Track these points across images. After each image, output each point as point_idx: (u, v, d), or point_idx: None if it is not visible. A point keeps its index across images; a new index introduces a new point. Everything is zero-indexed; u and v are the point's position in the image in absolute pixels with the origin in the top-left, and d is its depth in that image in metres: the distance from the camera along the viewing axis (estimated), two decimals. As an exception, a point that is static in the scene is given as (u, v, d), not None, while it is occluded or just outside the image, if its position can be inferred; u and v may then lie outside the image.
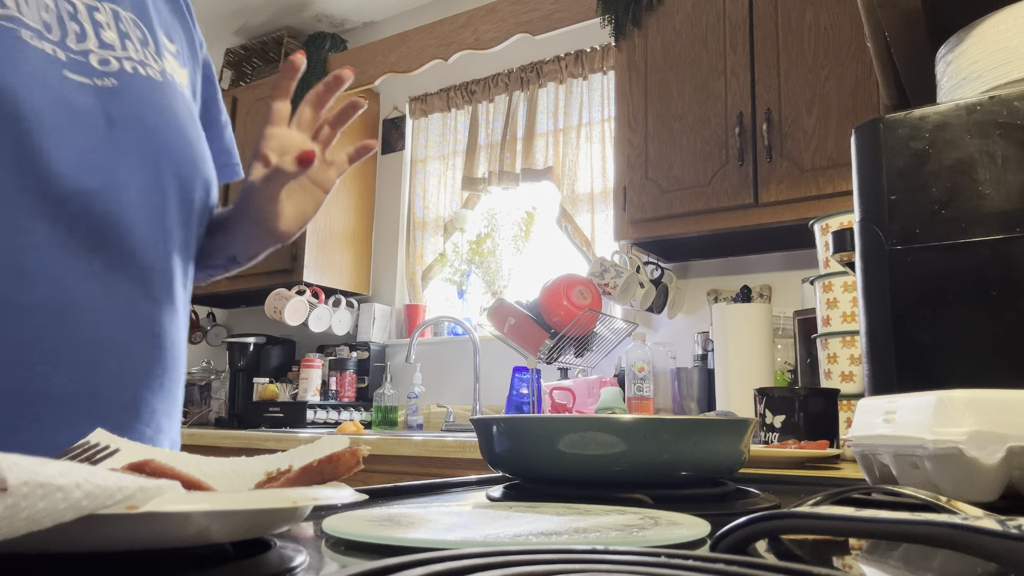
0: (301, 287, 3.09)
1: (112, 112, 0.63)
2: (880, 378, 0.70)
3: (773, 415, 1.38)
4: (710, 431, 0.57)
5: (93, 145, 0.62)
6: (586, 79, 2.89)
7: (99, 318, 0.62)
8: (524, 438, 0.59)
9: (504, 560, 0.24)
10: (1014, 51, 0.73)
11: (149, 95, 0.67)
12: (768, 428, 1.39)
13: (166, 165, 0.67)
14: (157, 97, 0.68)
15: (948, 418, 0.47)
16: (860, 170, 0.74)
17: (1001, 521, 0.27)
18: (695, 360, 2.45)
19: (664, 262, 2.59)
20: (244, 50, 3.69)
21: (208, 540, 0.32)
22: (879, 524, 0.29)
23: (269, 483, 0.41)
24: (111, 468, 0.31)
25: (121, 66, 0.66)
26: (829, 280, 1.51)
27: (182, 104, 0.71)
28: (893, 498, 0.48)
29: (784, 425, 1.37)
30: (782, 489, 0.75)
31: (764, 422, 1.39)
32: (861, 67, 1.98)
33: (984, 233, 0.66)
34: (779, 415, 1.38)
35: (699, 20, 2.27)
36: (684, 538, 0.37)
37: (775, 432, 1.37)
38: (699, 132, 2.21)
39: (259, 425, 2.93)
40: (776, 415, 1.38)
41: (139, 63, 0.68)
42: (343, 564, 0.35)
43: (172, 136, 0.68)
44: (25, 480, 0.22)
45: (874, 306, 0.71)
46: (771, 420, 1.38)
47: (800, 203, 2.02)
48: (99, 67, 0.64)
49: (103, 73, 0.64)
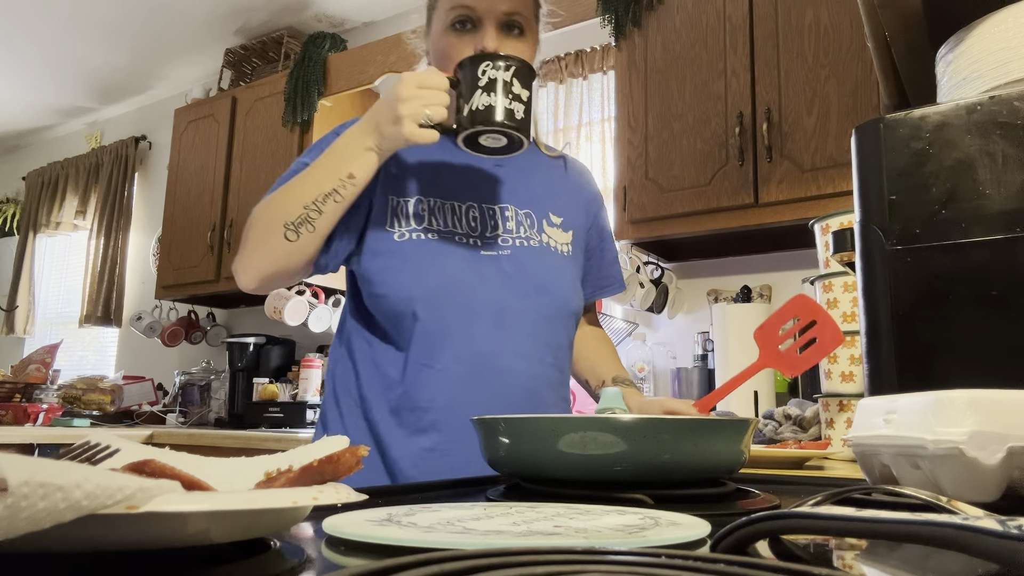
0: (301, 287, 3.09)
1: (506, 268, 1.07)
2: (880, 378, 0.70)
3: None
4: (710, 431, 0.57)
5: (497, 286, 1.05)
6: (586, 79, 2.89)
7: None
8: (524, 438, 0.59)
9: (504, 560, 0.24)
10: (1014, 51, 0.73)
11: (528, 256, 1.09)
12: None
13: (536, 295, 1.08)
14: (535, 257, 1.10)
15: (948, 418, 0.47)
16: (860, 170, 0.74)
17: (1001, 521, 0.26)
18: (695, 360, 2.45)
19: (664, 262, 2.59)
20: (244, 50, 3.69)
21: (208, 540, 0.32)
22: (879, 524, 0.29)
23: (269, 483, 0.41)
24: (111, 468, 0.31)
25: (513, 242, 1.09)
26: (829, 280, 1.51)
27: (553, 260, 1.12)
28: (893, 498, 0.48)
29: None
30: (782, 489, 0.74)
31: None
32: (861, 67, 1.98)
33: (984, 233, 0.66)
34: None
35: (699, 20, 2.27)
36: (684, 538, 0.37)
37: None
38: (699, 132, 2.21)
39: (259, 425, 2.93)
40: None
41: (525, 239, 1.10)
42: (343, 564, 0.35)
43: (542, 280, 1.09)
44: (25, 480, 0.22)
45: (874, 306, 0.71)
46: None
47: (800, 203, 2.02)
48: (500, 244, 1.09)
49: (501, 247, 1.08)
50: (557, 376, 1.11)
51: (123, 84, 4.29)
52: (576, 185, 1.24)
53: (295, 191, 0.99)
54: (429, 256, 1.04)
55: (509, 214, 1.11)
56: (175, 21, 3.59)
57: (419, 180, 1.09)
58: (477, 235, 1.08)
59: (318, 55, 3.25)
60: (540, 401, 1.07)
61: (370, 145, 0.96)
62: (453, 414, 1.01)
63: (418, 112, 0.90)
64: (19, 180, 5.05)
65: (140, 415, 3.43)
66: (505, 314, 1.05)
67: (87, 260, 4.35)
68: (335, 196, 0.97)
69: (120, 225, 4.28)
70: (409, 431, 1.02)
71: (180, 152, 3.63)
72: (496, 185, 1.13)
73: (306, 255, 1.01)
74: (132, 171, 4.36)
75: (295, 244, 0.98)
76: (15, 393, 3.03)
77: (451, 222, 1.07)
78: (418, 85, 0.91)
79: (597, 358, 1.25)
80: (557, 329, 1.11)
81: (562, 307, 1.11)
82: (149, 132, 4.45)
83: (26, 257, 4.74)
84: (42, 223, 4.71)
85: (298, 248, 0.99)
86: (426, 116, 0.91)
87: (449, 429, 1.01)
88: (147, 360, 4.03)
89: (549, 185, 1.19)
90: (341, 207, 0.98)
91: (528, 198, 1.14)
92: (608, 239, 1.27)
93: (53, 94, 4.41)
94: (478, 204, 1.10)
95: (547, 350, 1.09)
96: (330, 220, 0.99)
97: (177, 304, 3.80)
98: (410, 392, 1.02)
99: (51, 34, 3.71)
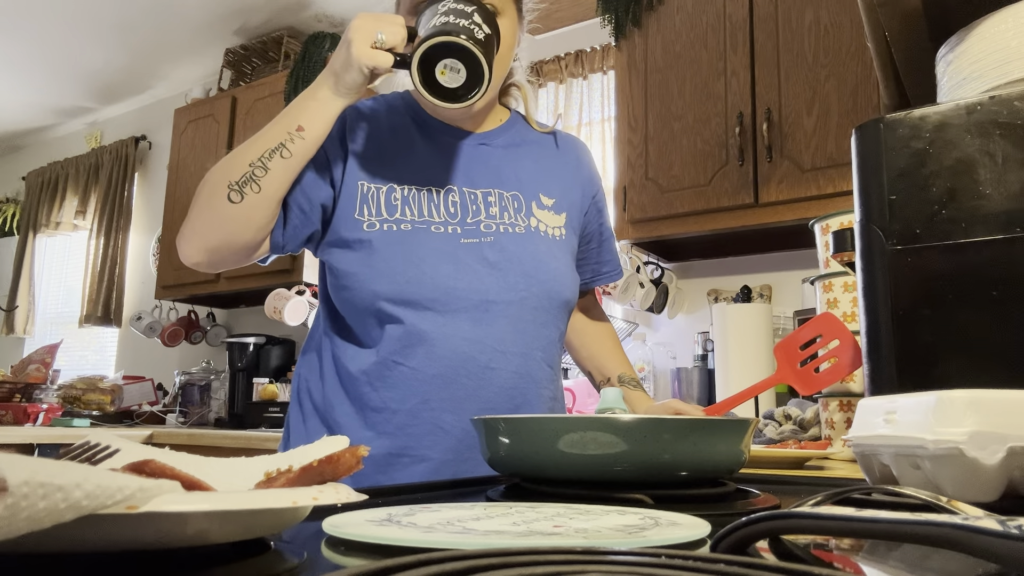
0: (301, 287, 3.09)
1: (488, 257, 1.00)
2: (880, 378, 0.70)
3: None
4: (710, 431, 0.57)
5: (478, 277, 0.98)
6: (586, 79, 2.89)
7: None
8: (524, 438, 0.59)
9: (504, 560, 0.24)
10: (1014, 51, 0.73)
11: (513, 243, 1.02)
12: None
13: (524, 285, 1.01)
14: (521, 243, 1.03)
15: (948, 418, 0.47)
16: (860, 170, 0.74)
17: (1001, 521, 0.26)
18: (695, 360, 2.45)
19: (664, 262, 2.59)
20: (244, 50, 3.69)
21: (208, 540, 0.32)
22: (879, 524, 0.29)
23: (269, 483, 0.41)
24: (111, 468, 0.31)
25: (497, 228, 1.02)
26: (829, 280, 1.51)
27: (542, 245, 1.04)
28: (893, 498, 0.48)
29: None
30: (782, 489, 0.74)
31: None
32: (861, 67, 1.98)
33: (984, 233, 0.66)
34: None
35: (699, 20, 2.27)
36: (684, 538, 0.37)
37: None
38: (699, 132, 2.21)
39: (259, 425, 2.93)
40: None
41: (510, 224, 1.03)
42: (343, 564, 0.35)
43: (529, 268, 1.02)
44: (25, 480, 0.22)
45: (874, 306, 0.71)
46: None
47: (800, 203, 2.02)
48: (483, 230, 1.01)
49: (484, 233, 1.01)
50: (546, 372, 1.05)
51: (123, 84, 4.29)
52: (570, 163, 1.15)
53: (243, 150, 0.92)
54: (400, 249, 0.96)
55: (493, 199, 1.04)
56: (175, 21, 3.59)
57: (394, 166, 1.02)
58: (456, 222, 1.00)
59: (318, 55, 3.25)
60: (524, 401, 1.01)
61: (324, 93, 0.90)
62: (424, 417, 0.95)
63: (370, 32, 0.84)
64: (19, 180, 5.05)
65: (140, 415, 3.42)
66: (487, 307, 0.98)
67: (87, 260, 4.35)
68: (282, 151, 0.89)
69: (120, 225, 4.28)
70: (375, 434, 0.96)
71: (180, 152, 3.63)
72: (479, 167, 1.05)
73: (253, 222, 0.92)
74: (132, 171, 4.36)
75: (239, 207, 0.90)
76: (15, 393, 3.03)
77: (427, 211, 1.00)
78: (374, 17, 0.86)
79: (600, 351, 1.20)
80: (546, 321, 1.03)
81: (552, 297, 1.03)
82: (149, 132, 4.45)
83: (26, 257, 4.74)
84: (42, 223, 4.71)
85: (243, 212, 0.90)
86: (379, 38, 0.84)
87: (419, 433, 0.95)
88: (147, 360, 4.03)
89: (539, 164, 1.11)
90: (291, 164, 0.91)
91: (515, 179, 1.07)
92: (607, 221, 1.20)
93: (53, 94, 4.41)
94: (458, 188, 1.03)
95: (535, 344, 1.02)
96: (278, 180, 0.91)
97: (177, 304, 3.80)
98: (378, 391, 0.96)
99: (51, 34, 3.71)
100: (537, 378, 1.03)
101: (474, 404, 0.97)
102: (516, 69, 1.15)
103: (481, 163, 1.06)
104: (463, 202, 1.02)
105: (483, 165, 1.06)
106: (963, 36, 0.78)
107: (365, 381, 0.97)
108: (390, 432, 0.96)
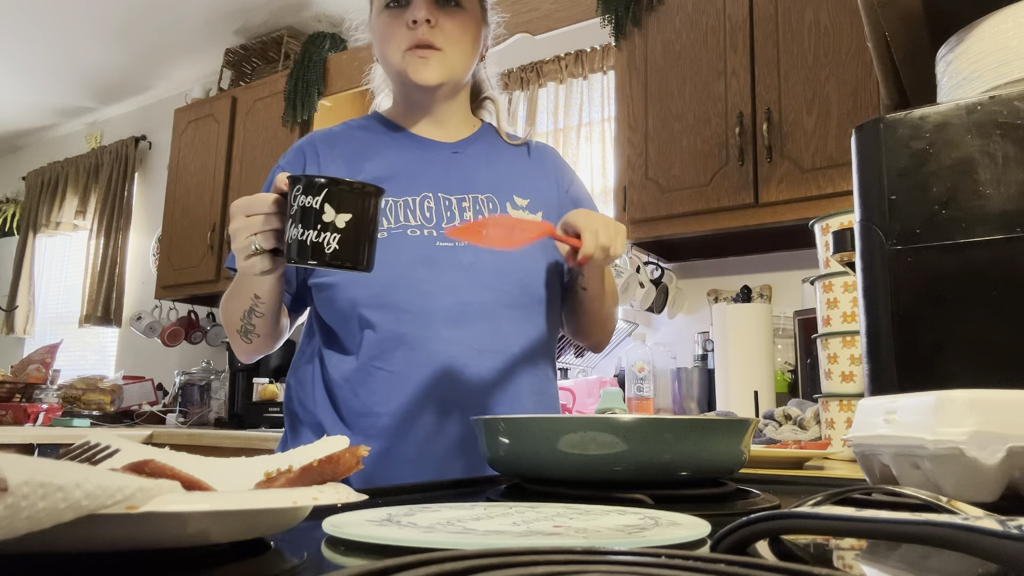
0: (301, 287, 3.08)
1: (463, 259, 1.02)
2: (880, 378, 0.70)
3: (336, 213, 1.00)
4: (710, 431, 0.57)
5: (453, 279, 1.01)
6: (586, 79, 2.89)
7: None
8: (524, 438, 0.59)
9: (504, 560, 0.24)
10: (1014, 51, 0.73)
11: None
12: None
13: (498, 284, 1.03)
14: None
15: (948, 418, 0.47)
16: (860, 170, 0.74)
17: (1001, 521, 0.26)
18: (695, 360, 2.45)
19: (664, 262, 2.59)
20: (244, 50, 3.69)
21: (207, 540, 0.32)
22: (879, 524, 0.29)
23: (269, 483, 0.41)
24: (111, 468, 0.31)
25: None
26: (829, 280, 1.51)
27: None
28: (893, 498, 0.48)
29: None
30: (782, 489, 0.74)
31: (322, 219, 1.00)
32: (861, 67, 1.98)
33: (984, 233, 0.66)
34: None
35: (699, 20, 2.27)
36: (684, 538, 0.37)
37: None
38: (699, 132, 2.21)
39: (259, 425, 2.93)
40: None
41: None
42: (343, 564, 0.35)
43: (504, 268, 1.03)
44: (25, 480, 0.22)
45: (874, 306, 0.71)
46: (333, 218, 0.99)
47: (800, 203, 2.02)
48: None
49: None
50: (531, 369, 1.05)
51: (123, 84, 4.29)
52: (542, 165, 1.18)
53: (229, 304, 1.00)
54: (377, 256, 0.95)
55: (467, 204, 1.07)
56: (175, 21, 3.59)
57: (371, 178, 1.00)
58: (432, 226, 1.03)
59: (318, 55, 3.25)
60: (510, 400, 1.02)
61: (250, 274, 0.89)
62: (408, 419, 0.97)
63: (245, 245, 0.82)
64: (19, 180, 5.05)
65: (140, 415, 3.42)
66: (463, 308, 1.00)
67: (87, 260, 4.35)
68: (255, 312, 0.97)
69: (120, 225, 4.28)
70: (361, 438, 0.98)
71: (180, 152, 3.63)
72: (453, 175, 1.09)
73: (270, 345, 1.06)
74: (132, 171, 4.36)
75: (254, 344, 1.03)
76: (15, 393, 3.03)
77: (403, 217, 1.03)
78: (245, 213, 0.81)
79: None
80: (524, 318, 1.05)
81: (530, 294, 1.05)
82: (149, 132, 4.45)
83: (26, 257, 4.74)
84: (42, 223, 4.71)
85: (257, 346, 1.04)
86: (255, 246, 0.82)
87: (403, 435, 0.97)
88: (147, 360, 4.03)
89: (512, 169, 1.14)
90: (268, 318, 0.98)
91: (489, 184, 1.10)
92: (587, 206, 1.17)
93: (53, 94, 4.41)
94: (433, 194, 1.06)
95: (515, 343, 1.03)
96: (266, 324, 1.00)
97: (177, 304, 3.80)
98: (359, 396, 0.99)
99: (51, 34, 3.71)
100: (518, 375, 1.04)
101: (455, 405, 0.98)
102: (488, 80, 1.20)
103: (455, 171, 1.10)
104: (438, 208, 1.05)
105: (457, 172, 1.10)
106: (963, 36, 0.78)
107: (348, 387, 1.01)
108: (374, 435, 0.98)
